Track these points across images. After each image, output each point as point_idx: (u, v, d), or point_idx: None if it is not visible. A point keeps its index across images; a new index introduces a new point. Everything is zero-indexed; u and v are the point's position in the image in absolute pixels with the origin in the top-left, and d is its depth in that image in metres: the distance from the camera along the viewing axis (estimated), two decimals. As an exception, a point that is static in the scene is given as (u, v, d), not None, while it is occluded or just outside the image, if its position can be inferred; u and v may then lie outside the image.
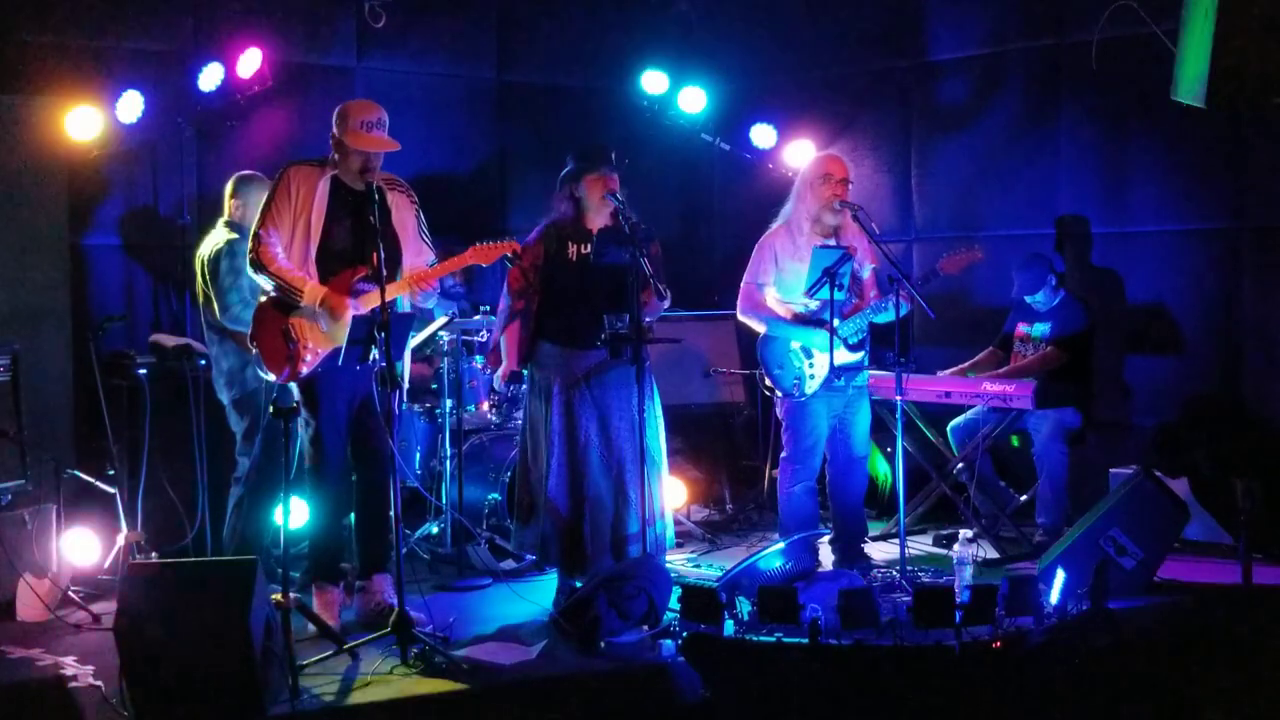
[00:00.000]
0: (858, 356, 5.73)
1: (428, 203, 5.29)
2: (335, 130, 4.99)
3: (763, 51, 8.00)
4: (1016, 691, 4.45)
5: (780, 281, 5.72)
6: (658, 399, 5.40)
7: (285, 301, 4.95)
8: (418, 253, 5.16)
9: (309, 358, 4.95)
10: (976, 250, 5.64)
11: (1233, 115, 6.08)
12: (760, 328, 5.80)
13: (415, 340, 5.76)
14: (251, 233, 4.99)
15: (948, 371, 6.49)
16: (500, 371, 5.50)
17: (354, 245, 4.97)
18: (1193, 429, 6.57)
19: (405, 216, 5.14)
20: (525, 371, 5.43)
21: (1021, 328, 6.50)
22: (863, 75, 7.78)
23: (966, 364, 6.55)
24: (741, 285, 5.82)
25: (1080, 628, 4.68)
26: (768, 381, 5.82)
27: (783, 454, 5.88)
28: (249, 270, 5.02)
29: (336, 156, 5.02)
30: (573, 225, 5.34)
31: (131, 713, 4.03)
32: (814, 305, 5.66)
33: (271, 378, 5.00)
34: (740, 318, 5.89)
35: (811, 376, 5.70)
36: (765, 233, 5.83)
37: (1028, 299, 6.42)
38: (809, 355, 5.71)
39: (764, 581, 4.99)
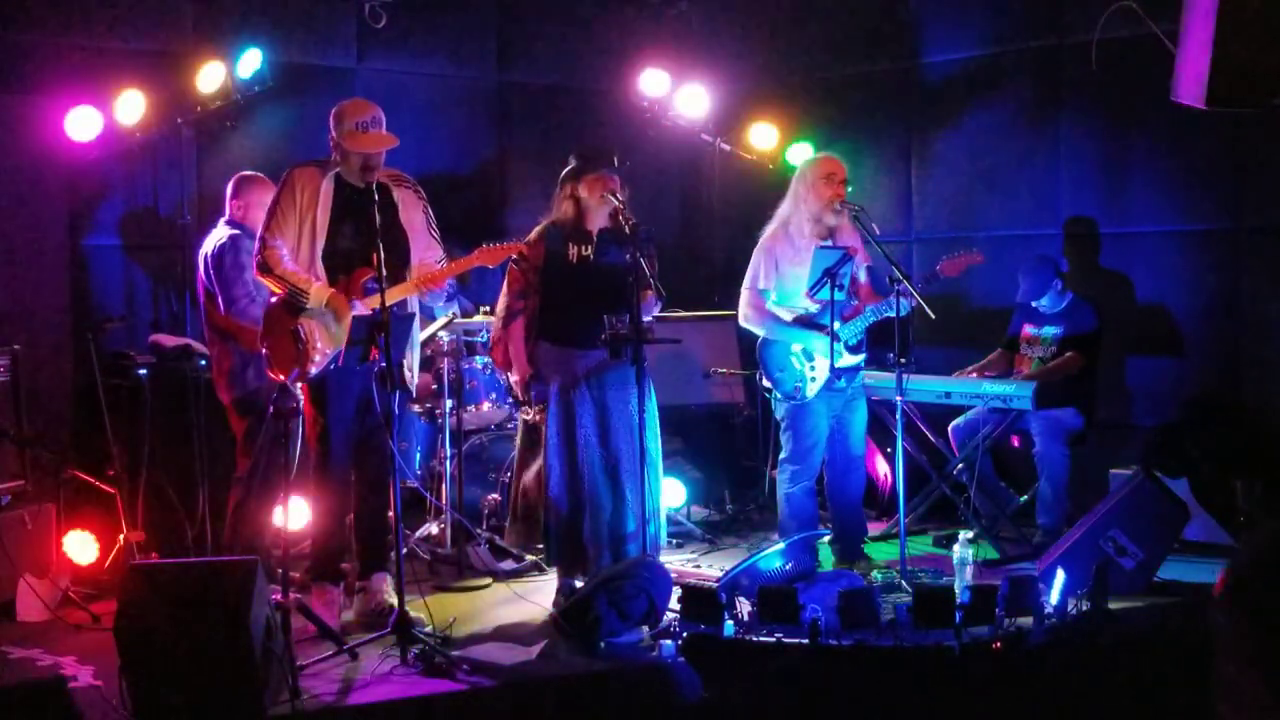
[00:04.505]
0: (858, 359, 5.74)
1: (428, 203, 5.29)
2: (333, 133, 5.01)
3: (763, 52, 8.00)
4: (1016, 691, 4.45)
5: (780, 286, 5.72)
6: (654, 399, 5.41)
7: (293, 303, 4.96)
8: (427, 248, 5.16)
9: (318, 358, 4.95)
10: (976, 253, 5.64)
11: (1233, 115, 6.08)
12: (763, 332, 5.80)
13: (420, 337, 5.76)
14: (258, 237, 5.01)
15: (968, 370, 6.49)
16: (515, 379, 5.45)
17: (360, 245, 4.97)
18: (1193, 429, 6.56)
19: (413, 213, 5.14)
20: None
21: (1028, 329, 6.48)
22: (863, 75, 7.78)
23: (975, 366, 6.54)
24: (743, 290, 5.81)
25: (1080, 628, 4.68)
26: (768, 383, 5.82)
27: (782, 455, 5.88)
28: (258, 275, 5.03)
29: (337, 157, 5.03)
30: (573, 226, 5.33)
31: (131, 713, 4.03)
32: (814, 307, 5.66)
33: (281, 378, 5.01)
34: (742, 323, 5.88)
35: (813, 379, 5.70)
36: (762, 235, 5.82)
37: (1034, 304, 6.42)
38: (810, 358, 5.71)
39: (764, 582, 4.99)
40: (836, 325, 5.50)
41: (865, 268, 5.85)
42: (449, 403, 6.11)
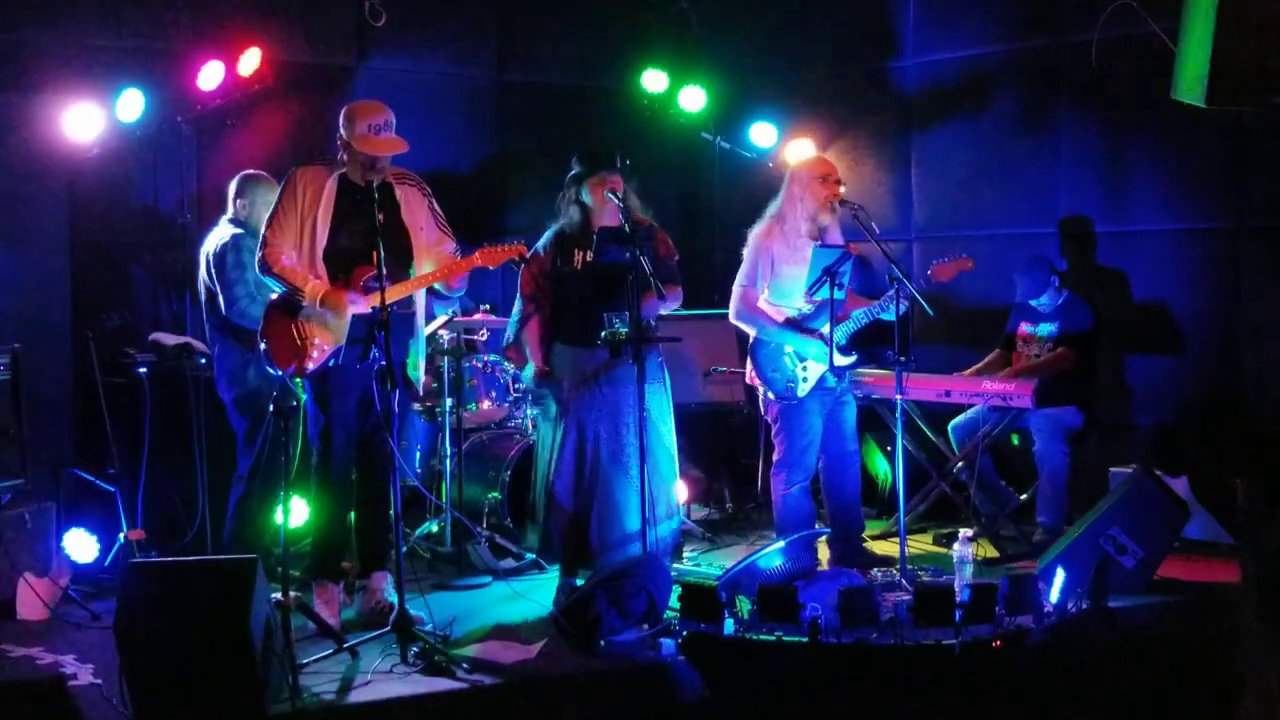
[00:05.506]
0: (850, 359, 5.72)
1: (434, 198, 5.29)
2: (343, 133, 4.99)
3: (763, 51, 8.01)
4: (1016, 691, 4.45)
5: (776, 286, 5.71)
6: (669, 395, 5.42)
7: (291, 301, 4.96)
8: (438, 242, 5.16)
9: (315, 354, 4.96)
10: (966, 259, 5.63)
11: (1233, 115, 6.08)
12: (754, 331, 5.79)
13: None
14: (260, 236, 5.01)
15: (966, 373, 6.48)
16: (532, 373, 5.50)
17: (360, 244, 4.97)
18: (1193, 429, 6.56)
19: (417, 210, 5.14)
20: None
21: (1025, 328, 6.49)
22: (863, 74, 7.78)
23: (974, 367, 6.54)
24: (735, 287, 5.80)
25: (1080, 627, 4.68)
26: (758, 382, 5.81)
27: (776, 456, 5.86)
28: (258, 273, 5.03)
29: (344, 156, 5.03)
30: (580, 230, 5.36)
31: (131, 712, 4.03)
32: (808, 309, 5.66)
33: (279, 373, 5.01)
34: (733, 320, 5.87)
35: (805, 379, 5.70)
36: (753, 233, 5.80)
37: (1032, 303, 6.42)
38: (803, 359, 5.71)
39: (764, 580, 4.98)
40: (826, 328, 5.50)
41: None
42: (449, 401, 6.11)
